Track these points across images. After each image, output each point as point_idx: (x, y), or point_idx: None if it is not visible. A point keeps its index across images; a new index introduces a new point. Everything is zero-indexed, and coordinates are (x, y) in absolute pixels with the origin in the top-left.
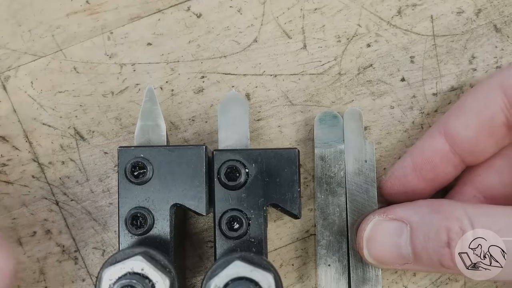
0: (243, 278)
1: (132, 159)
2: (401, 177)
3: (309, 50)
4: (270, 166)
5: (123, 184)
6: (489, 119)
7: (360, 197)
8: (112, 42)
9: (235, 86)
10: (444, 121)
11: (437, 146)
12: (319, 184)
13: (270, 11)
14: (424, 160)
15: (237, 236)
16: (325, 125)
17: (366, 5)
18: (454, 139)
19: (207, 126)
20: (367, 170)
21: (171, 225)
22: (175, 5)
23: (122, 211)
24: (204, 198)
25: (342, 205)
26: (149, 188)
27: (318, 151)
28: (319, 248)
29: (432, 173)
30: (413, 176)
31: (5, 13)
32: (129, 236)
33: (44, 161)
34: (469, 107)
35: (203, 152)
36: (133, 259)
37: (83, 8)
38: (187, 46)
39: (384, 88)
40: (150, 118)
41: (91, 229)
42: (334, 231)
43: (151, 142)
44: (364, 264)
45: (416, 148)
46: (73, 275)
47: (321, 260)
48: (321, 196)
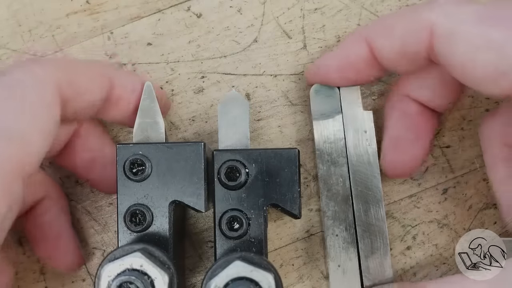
0: (243, 278)
1: (131, 156)
2: (323, 74)
3: (309, 50)
4: (270, 166)
5: (121, 181)
6: (413, 52)
7: (362, 167)
8: (112, 42)
9: (235, 86)
10: (371, 33)
11: (362, 53)
12: (320, 156)
13: (270, 11)
14: (350, 65)
15: (237, 236)
16: (321, 95)
17: (366, 5)
18: (377, 54)
19: (207, 126)
20: (367, 141)
21: (170, 222)
22: (175, 5)
23: (121, 208)
24: (203, 195)
25: (344, 175)
26: (148, 185)
27: (316, 122)
28: (325, 219)
29: (355, 75)
30: (335, 76)
31: (5, 13)
32: (128, 233)
33: (44, 161)
34: (397, 34)
35: (202, 148)
36: (132, 256)
37: (83, 8)
38: (187, 46)
39: (384, 88)
40: (149, 115)
41: (91, 229)
42: (339, 201)
43: (150, 139)
44: (371, 233)
45: (342, 50)
46: (73, 275)
47: (328, 231)
48: (323, 168)
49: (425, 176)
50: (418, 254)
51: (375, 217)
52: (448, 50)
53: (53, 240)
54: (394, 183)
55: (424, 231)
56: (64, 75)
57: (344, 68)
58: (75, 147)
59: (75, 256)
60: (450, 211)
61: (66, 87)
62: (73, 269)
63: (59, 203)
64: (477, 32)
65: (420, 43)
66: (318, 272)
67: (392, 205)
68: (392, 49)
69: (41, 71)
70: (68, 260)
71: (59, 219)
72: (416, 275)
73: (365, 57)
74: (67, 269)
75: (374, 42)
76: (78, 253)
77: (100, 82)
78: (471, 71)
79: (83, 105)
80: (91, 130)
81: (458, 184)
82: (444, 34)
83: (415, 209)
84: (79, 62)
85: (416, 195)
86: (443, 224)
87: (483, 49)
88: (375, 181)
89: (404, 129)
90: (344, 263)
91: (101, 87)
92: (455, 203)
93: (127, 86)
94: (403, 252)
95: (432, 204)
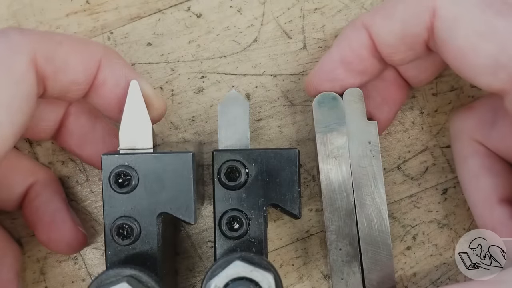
0: (243, 278)
1: (116, 168)
2: (329, 71)
3: (309, 50)
4: (270, 166)
5: (107, 192)
6: (413, 35)
7: (366, 179)
8: (112, 42)
9: (235, 86)
10: (369, 18)
11: (363, 39)
12: (323, 170)
13: (270, 11)
14: (352, 53)
15: (237, 236)
16: (324, 107)
17: (366, 5)
18: (376, 40)
19: (207, 126)
20: (371, 152)
21: (158, 234)
22: (175, 5)
23: (107, 220)
24: (193, 206)
25: (348, 189)
26: (134, 197)
27: (320, 135)
28: (328, 234)
29: (360, 65)
30: (341, 70)
31: (5, 13)
32: (115, 246)
33: (44, 161)
34: (398, 16)
35: (191, 159)
36: (119, 286)
37: (83, 8)
38: (187, 46)
39: None
40: (135, 118)
41: (91, 229)
42: (342, 215)
43: (137, 144)
44: (375, 245)
45: (342, 42)
46: (73, 275)
47: (331, 246)
48: (326, 182)
49: (425, 176)
50: (418, 254)
51: (379, 229)
52: (449, 34)
53: (48, 223)
54: (394, 183)
55: (424, 231)
56: (44, 48)
57: (347, 58)
58: (67, 125)
59: (74, 235)
60: (450, 211)
61: (44, 62)
62: (75, 250)
63: (51, 186)
64: (481, 18)
65: (421, 24)
66: (318, 272)
67: (392, 205)
68: (391, 32)
69: (17, 39)
70: (66, 241)
71: (53, 201)
72: (416, 275)
73: (366, 43)
74: (68, 250)
75: (372, 26)
76: (76, 233)
77: (87, 62)
78: (470, 60)
79: (66, 84)
80: (81, 108)
81: (458, 184)
82: (447, 17)
83: (415, 209)
84: (67, 38)
85: (416, 195)
86: (443, 224)
87: (486, 37)
88: (380, 192)
89: (374, 91)
90: (347, 276)
91: (87, 68)
92: (455, 203)
93: (115, 74)
94: (403, 252)
95: (432, 204)
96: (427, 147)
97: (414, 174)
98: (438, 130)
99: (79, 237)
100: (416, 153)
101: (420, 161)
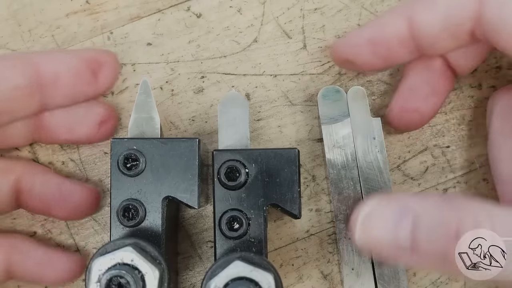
0: (243, 278)
1: (125, 151)
2: (354, 45)
3: (309, 50)
4: (270, 166)
5: (115, 175)
6: (457, 24)
7: (373, 174)
8: (112, 42)
9: (235, 86)
10: (411, 7)
11: (398, 29)
12: (330, 160)
13: (270, 11)
14: (382, 38)
15: (237, 236)
16: (328, 100)
17: (366, 5)
18: (417, 30)
19: (207, 126)
20: (377, 147)
21: (162, 217)
22: (175, 5)
23: (114, 202)
24: (196, 191)
25: (355, 178)
26: (141, 180)
27: (325, 126)
28: (337, 223)
29: (386, 52)
30: (366, 49)
31: (5, 13)
32: (120, 228)
33: (44, 161)
34: (441, 4)
35: (196, 145)
36: (123, 250)
37: (83, 8)
38: (187, 46)
39: (384, 88)
40: (144, 110)
41: (91, 229)
42: (350, 204)
43: (145, 134)
44: None
45: (377, 24)
46: None
47: (341, 235)
48: (333, 171)
49: (425, 176)
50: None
51: None
52: (501, 21)
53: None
54: (394, 183)
55: None
56: None
57: (377, 42)
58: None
59: (88, 194)
60: None
61: None
62: (95, 208)
63: (38, 171)
64: None
65: (466, 13)
66: (318, 272)
67: None
68: (435, 22)
69: None
70: (85, 202)
71: (50, 180)
72: (416, 275)
73: (400, 34)
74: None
75: (416, 17)
76: (88, 190)
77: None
78: None
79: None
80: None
81: (458, 184)
82: (496, 3)
83: None
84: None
85: None
86: None
87: None
88: (386, 187)
89: (422, 82)
90: (358, 266)
91: (21, 73)
92: None
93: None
94: None
95: None
96: (427, 147)
97: (414, 174)
98: (438, 130)
99: (93, 193)
100: (416, 153)
101: (420, 161)
